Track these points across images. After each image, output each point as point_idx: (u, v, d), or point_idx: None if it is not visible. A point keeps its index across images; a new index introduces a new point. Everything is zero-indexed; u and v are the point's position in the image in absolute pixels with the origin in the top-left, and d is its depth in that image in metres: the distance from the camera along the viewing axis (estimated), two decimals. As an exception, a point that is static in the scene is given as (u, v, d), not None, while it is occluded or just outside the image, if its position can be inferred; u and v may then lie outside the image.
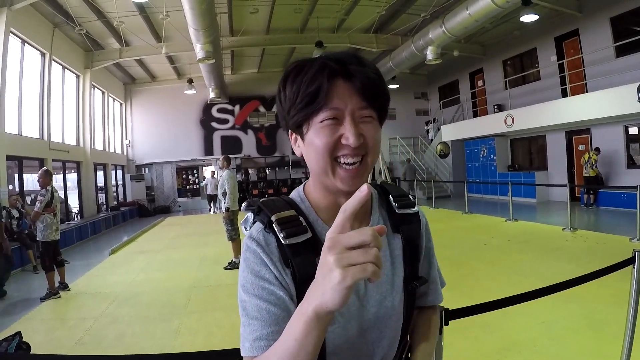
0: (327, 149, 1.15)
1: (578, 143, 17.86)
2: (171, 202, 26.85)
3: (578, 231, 11.49)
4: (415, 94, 28.71)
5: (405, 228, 1.36)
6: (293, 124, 1.21)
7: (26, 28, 14.31)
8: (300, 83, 1.16)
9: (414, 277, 1.36)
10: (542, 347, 4.93)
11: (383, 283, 1.28)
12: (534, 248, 10.07)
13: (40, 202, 8.34)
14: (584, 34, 16.84)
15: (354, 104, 1.15)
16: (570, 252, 9.34)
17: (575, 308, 5.79)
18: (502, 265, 8.75)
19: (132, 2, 14.61)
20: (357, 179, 1.17)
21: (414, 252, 1.36)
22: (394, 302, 1.29)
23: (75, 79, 19.59)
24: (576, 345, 4.93)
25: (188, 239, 14.93)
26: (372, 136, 1.17)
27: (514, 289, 3.37)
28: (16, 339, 5.33)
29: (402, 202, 1.38)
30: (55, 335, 6.43)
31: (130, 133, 26.65)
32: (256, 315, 1.14)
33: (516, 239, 11.29)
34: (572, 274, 3.82)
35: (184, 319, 6.84)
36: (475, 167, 23.24)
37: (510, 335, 5.22)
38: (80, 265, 11.56)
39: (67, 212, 17.27)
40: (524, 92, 19.79)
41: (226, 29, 18.41)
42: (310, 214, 1.28)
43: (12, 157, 13.43)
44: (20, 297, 8.84)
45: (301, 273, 1.16)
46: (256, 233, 1.23)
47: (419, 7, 17.24)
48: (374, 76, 1.18)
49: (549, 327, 5.38)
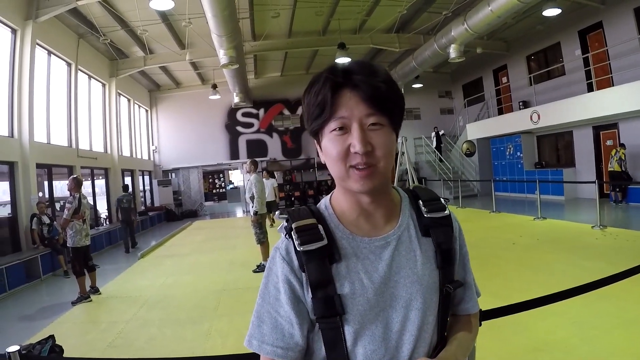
0: (339, 157, 1.24)
1: (606, 138, 17.54)
2: (198, 206, 27.01)
3: (608, 229, 11.28)
4: (439, 92, 28.49)
5: (436, 231, 1.37)
6: (311, 133, 1.33)
7: (52, 39, 14.55)
8: (310, 96, 1.28)
9: (448, 280, 1.37)
10: (573, 347, 4.88)
11: (412, 283, 1.30)
12: (563, 247, 9.93)
13: (68, 209, 8.47)
14: (608, 27, 16.59)
15: (360, 112, 1.21)
16: (600, 251, 9.19)
17: (606, 307, 5.71)
18: (531, 264, 8.66)
19: (154, 11, 14.74)
20: (369, 180, 1.23)
21: (446, 256, 1.37)
22: (425, 304, 1.30)
23: (101, 88, 19.87)
24: (608, 345, 4.87)
25: (216, 243, 14.99)
26: (381, 143, 1.23)
27: (544, 289, 3.36)
28: (49, 342, 5.43)
29: (431, 206, 1.40)
30: (87, 339, 6.52)
31: (157, 139, 26.89)
32: (265, 320, 1.32)
33: (545, 237, 11.16)
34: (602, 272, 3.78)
35: (214, 321, 6.88)
36: (501, 165, 22.96)
37: (542, 335, 5.17)
38: (110, 269, 11.73)
39: (95, 217, 17.50)
40: (549, 87, 19.55)
41: (248, 33, 18.46)
42: (332, 221, 1.36)
43: (41, 165, 13.64)
44: (52, 302, 9.00)
45: (312, 279, 1.27)
46: (281, 242, 1.36)
47: (440, 5, 17.13)
48: (381, 84, 1.23)
49: (580, 327, 5.32)
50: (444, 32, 17.58)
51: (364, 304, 1.26)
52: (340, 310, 1.25)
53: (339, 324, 1.26)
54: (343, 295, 1.26)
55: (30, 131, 12.69)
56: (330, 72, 1.25)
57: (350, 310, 1.25)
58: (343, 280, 1.27)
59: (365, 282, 1.27)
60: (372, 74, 1.24)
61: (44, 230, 11.71)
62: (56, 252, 11.54)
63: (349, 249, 1.30)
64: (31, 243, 11.84)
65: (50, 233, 11.75)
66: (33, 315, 8.08)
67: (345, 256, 1.29)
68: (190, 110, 26.51)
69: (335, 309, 1.25)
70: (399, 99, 1.28)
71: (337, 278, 1.27)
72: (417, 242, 1.35)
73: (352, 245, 1.31)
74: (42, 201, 12.53)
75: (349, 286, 1.26)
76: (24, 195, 12.22)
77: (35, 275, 10.89)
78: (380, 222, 1.35)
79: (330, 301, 1.25)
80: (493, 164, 23.79)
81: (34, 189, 12.65)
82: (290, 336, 1.28)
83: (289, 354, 1.28)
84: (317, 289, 1.26)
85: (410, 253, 1.33)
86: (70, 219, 8.48)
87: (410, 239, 1.35)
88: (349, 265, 1.29)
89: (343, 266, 1.28)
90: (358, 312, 1.26)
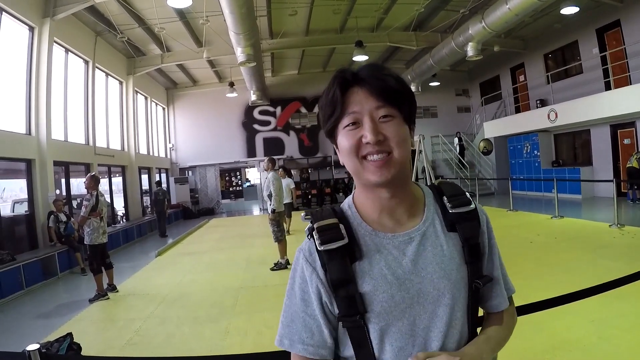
0: (352, 150, 1.28)
1: (623, 137, 17.41)
2: (215, 204, 27.12)
3: (625, 227, 11.20)
4: (456, 90, 28.28)
5: (462, 226, 1.37)
6: (327, 134, 1.38)
7: (69, 37, 14.64)
8: (323, 98, 1.35)
9: (477, 276, 1.36)
10: (592, 346, 4.85)
11: (440, 279, 1.29)
12: (581, 246, 9.88)
13: (86, 206, 8.51)
14: (626, 25, 16.43)
15: (370, 105, 1.27)
16: (618, 249, 9.14)
17: (625, 306, 5.66)
18: (549, 263, 8.61)
19: (172, 9, 14.77)
20: (384, 169, 1.26)
21: (473, 251, 1.36)
22: (453, 300, 1.30)
23: (119, 85, 19.97)
24: (627, 344, 4.83)
25: (233, 241, 15.05)
26: (393, 133, 1.26)
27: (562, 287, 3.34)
28: (67, 339, 5.45)
29: (456, 201, 1.39)
30: (106, 336, 6.56)
31: (174, 137, 27.00)
32: (294, 320, 1.35)
33: (562, 236, 11.11)
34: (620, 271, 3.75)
35: (233, 319, 6.91)
36: (518, 163, 22.84)
37: (560, 334, 5.14)
38: (127, 267, 11.80)
39: (113, 215, 17.59)
40: (567, 86, 19.38)
41: (266, 31, 18.48)
42: (355, 219, 1.38)
43: (59, 162, 13.74)
44: (69, 299, 9.07)
45: (334, 277, 1.30)
46: (305, 243, 1.40)
47: (458, 3, 17.04)
48: (387, 77, 1.29)
49: (598, 326, 5.28)
50: (461, 30, 17.49)
51: (388, 301, 1.26)
52: (362, 308, 1.26)
53: (362, 322, 1.27)
54: (365, 293, 1.27)
55: (48, 129, 12.76)
56: (338, 72, 1.33)
57: (374, 308, 1.27)
58: (365, 277, 1.28)
59: (389, 279, 1.28)
60: (378, 70, 1.31)
61: (61, 228, 11.79)
62: (73, 249, 11.61)
63: (372, 246, 1.32)
64: (48, 240, 11.92)
65: (65, 231, 11.82)
66: (50, 313, 8.13)
67: (367, 253, 1.31)
68: (207, 108, 26.59)
69: (357, 308, 1.26)
70: (407, 91, 1.32)
71: (359, 276, 1.29)
72: (444, 238, 1.35)
73: (375, 242, 1.32)
74: (59, 199, 12.60)
75: (371, 283, 1.27)
76: (42, 192, 12.30)
77: (52, 272, 10.93)
78: (403, 219, 1.36)
79: (351, 300, 1.27)
80: (510, 162, 23.66)
81: (52, 187, 12.73)
82: (319, 334, 1.32)
83: (320, 352, 1.32)
84: (339, 288, 1.28)
85: (437, 248, 1.33)
86: (88, 216, 8.52)
87: (436, 235, 1.35)
88: (372, 262, 1.30)
89: (366, 263, 1.30)
90: (382, 309, 1.27)
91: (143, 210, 21.31)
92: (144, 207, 21.50)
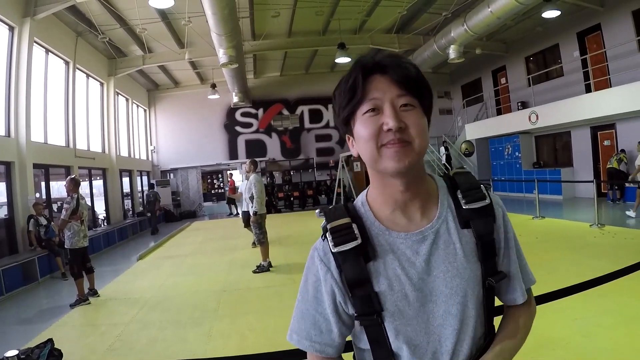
0: (371, 136, 1.24)
1: (603, 138, 17.67)
2: (197, 207, 26.99)
3: (606, 227, 11.37)
4: (438, 93, 28.28)
5: (476, 223, 1.34)
6: (342, 122, 1.34)
7: (50, 37, 14.50)
8: (340, 87, 1.32)
9: (491, 273, 1.34)
10: (575, 344, 4.89)
11: (453, 278, 1.28)
12: (563, 245, 9.99)
13: (66, 210, 8.40)
14: (607, 29, 16.69)
15: (392, 93, 1.24)
16: (599, 249, 9.25)
17: (607, 304, 5.73)
18: (530, 263, 8.45)
19: (154, 9, 14.71)
20: (403, 156, 1.22)
21: (488, 248, 1.34)
22: (466, 298, 1.29)
23: (99, 87, 19.80)
24: (609, 341, 4.88)
25: (215, 243, 14.96)
26: (414, 122, 1.24)
27: (545, 287, 3.35)
28: (48, 345, 5.36)
29: (470, 197, 1.36)
30: (87, 342, 6.48)
31: (155, 139, 26.84)
32: (305, 317, 1.38)
33: (544, 236, 11.21)
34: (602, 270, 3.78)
35: (215, 322, 6.86)
36: (500, 165, 23.00)
37: (543, 332, 5.15)
38: (108, 271, 11.67)
39: (93, 218, 17.40)
40: (548, 88, 19.59)
41: (248, 33, 18.47)
42: (368, 218, 1.37)
43: (38, 165, 13.58)
44: (50, 304, 8.96)
45: (348, 277, 1.29)
46: (319, 242, 1.39)
47: (440, 6, 17.17)
48: (410, 67, 1.28)
49: (581, 324, 5.33)
50: (443, 32, 17.66)
51: (402, 300, 1.27)
52: (378, 307, 1.28)
53: (379, 320, 1.28)
54: (380, 292, 1.28)
55: (27, 131, 12.59)
56: (360, 59, 1.31)
57: (389, 307, 1.28)
58: (380, 277, 1.29)
59: (403, 279, 1.28)
60: (399, 58, 1.30)
61: (41, 232, 11.64)
62: (54, 254, 11.44)
63: (386, 246, 1.31)
64: (28, 245, 11.76)
65: (46, 234, 11.67)
66: (31, 319, 8.03)
67: (381, 253, 1.30)
68: (189, 110, 26.49)
69: (373, 307, 1.28)
70: (426, 83, 1.31)
71: (373, 275, 1.29)
72: (457, 235, 1.33)
73: (388, 241, 1.32)
74: (39, 202, 12.42)
75: (386, 283, 1.28)
76: (21, 196, 12.15)
77: (32, 277, 10.78)
78: (416, 216, 1.34)
79: (367, 299, 1.28)
80: (492, 163, 23.84)
81: (31, 190, 12.57)
82: (328, 333, 1.35)
83: (326, 350, 1.36)
84: (355, 288, 1.29)
85: (450, 247, 1.31)
86: (68, 220, 8.42)
87: (449, 232, 1.32)
88: (386, 262, 1.30)
89: (380, 263, 1.30)
90: (397, 309, 1.28)
91: (124, 213, 21.12)
92: (125, 211, 21.37)
